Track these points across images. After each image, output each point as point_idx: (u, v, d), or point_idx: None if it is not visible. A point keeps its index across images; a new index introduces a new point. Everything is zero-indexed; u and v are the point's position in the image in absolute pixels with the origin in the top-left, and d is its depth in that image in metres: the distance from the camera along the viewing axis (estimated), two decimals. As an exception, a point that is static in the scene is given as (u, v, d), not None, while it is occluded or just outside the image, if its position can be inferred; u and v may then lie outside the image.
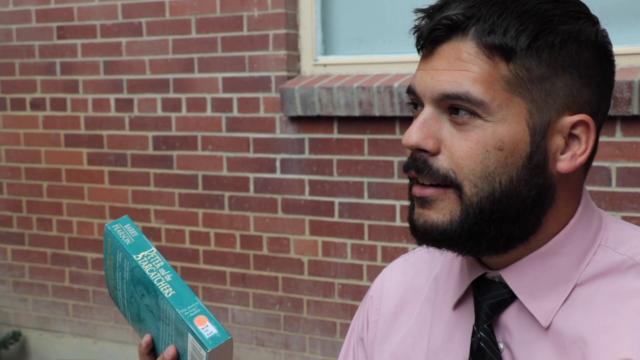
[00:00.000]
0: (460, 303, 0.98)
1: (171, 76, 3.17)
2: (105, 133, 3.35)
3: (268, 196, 3.03)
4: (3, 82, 3.57)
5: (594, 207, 0.94)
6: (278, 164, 2.99)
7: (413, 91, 0.89)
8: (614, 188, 2.43)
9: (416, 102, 0.90)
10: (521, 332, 0.90)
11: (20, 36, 3.50)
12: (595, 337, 0.85)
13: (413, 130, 0.86)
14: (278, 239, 3.04)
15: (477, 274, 0.94)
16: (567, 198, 0.90)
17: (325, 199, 2.92)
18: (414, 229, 0.90)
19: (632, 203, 2.41)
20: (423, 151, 0.87)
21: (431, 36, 0.86)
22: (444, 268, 1.03)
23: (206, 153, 3.13)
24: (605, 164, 2.44)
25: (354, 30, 2.98)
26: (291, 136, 2.95)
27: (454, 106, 0.85)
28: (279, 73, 2.94)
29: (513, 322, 0.91)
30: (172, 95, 3.18)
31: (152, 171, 3.26)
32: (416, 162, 0.87)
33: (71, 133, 3.43)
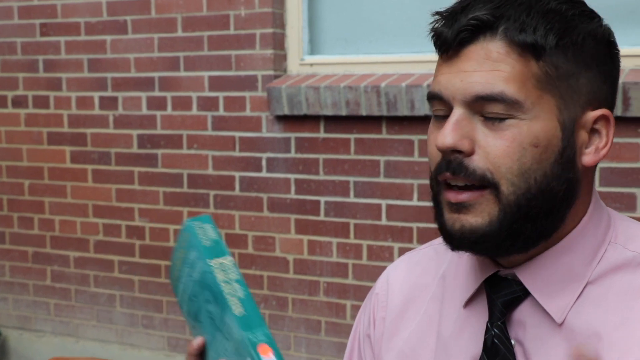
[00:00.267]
0: (470, 301, 0.98)
1: (156, 74, 3.16)
2: (89, 131, 3.33)
3: (254, 195, 3.03)
4: (-16, 79, 3.55)
5: (602, 205, 0.96)
6: (264, 163, 3.00)
7: (439, 96, 0.88)
8: (598, 188, 2.47)
9: (441, 108, 0.90)
10: (534, 329, 0.91)
11: (2, 33, 3.47)
12: (608, 333, 0.87)
13: (447, 132, 0.85)
14: (263, 238, 3.04)
15: (490, 272, 0.95)
16: (584, 194, 0.92)
17: (311, 198, 2.93)
18: (450, 235, 0.89)
19: (616, 202, 2.46)
20: (457, 153, 0.86)
21: (458, 37, 0.86)
22: (451, 266, 1.04)
23: (191, 152, 3.13)
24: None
25: (341, 30, 3.00)
26: (277, 135, 2.95)
27: (487, 107, 0.85)
28: (266, 72, 2.95)
29: (525, 319, 0.92)
30: (158, 93, 3.17)
31: (137, 170, 3.25)
32: (451, 164, 0.86)
33: (54, 131, 3.41)
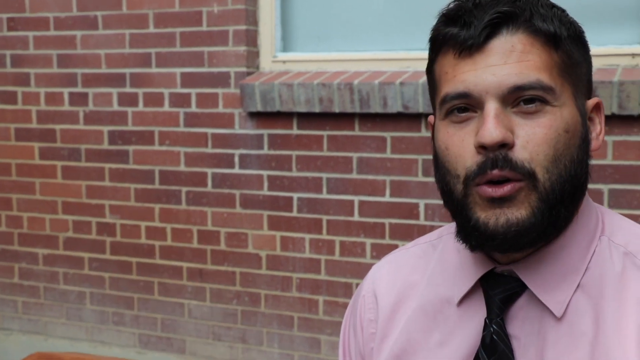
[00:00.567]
0: (465, 298, 0.98)
1: (128, 70, 3.15)
2: (58, 127, 3.30)
3: (226, 191, 3.04)
4: (-51, 74, 3.49)
5: (589, 198, 0.99)
6: (237, 160, 3.00)
7: (466, 95, 0.88)
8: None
9: (465, 106, 0.89)
10: (531, 323, 0.92)
11: (-32, 27, 3.42)
12: (602, 325, 0.89)
13: (491, 127, 0.85)
14: (236, 234, 3.05)
15: (487, 269, 0.95)
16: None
17: (284, 194, 2.95)
18: (492, 232, 0.87)
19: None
20: (502, 147, 0.86)
21: (484, 32, 0.87)
22: (439, 264, 1.04)
23: (163, 148, 3.12)
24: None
25: (313, 27, 3.02)
26: (250, 132, 2.96)
27: (525, 97, 0.86)
28: (239, 69, 2.96)
29: (522, 313, 0.93)
30: (129, 89, 3.15)
31: (108, 166, 3.23)
32: (498, 160, 0.85)
33: (22, 127, 3.37)
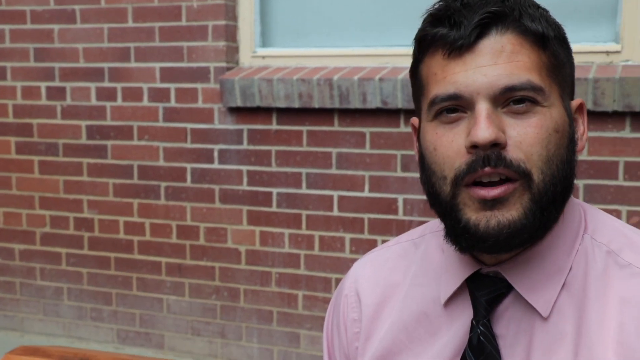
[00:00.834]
0: (450, 299, 0.98)
1: (106, 65, 3.13)
2: (35, 122, 3.28)
3: (206, 186, 3.04)
4: None
5: (571, 195, 1.00)
6: (216, 155, 3.00)
7: (456, 96, 0.88)
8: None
9: (455, 107, 0.89)
10: (517, 323, 0.92)
11: (-57, 20, 3.38)
12: (585, 324, 0.89)
13: (483, 127, 0.84)
14: (215, 229, 3.05)
15: (472, 271, 0.95)
16: None
17: (263, 189, 2.96)
18: (482, 235, 0.87)
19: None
20: (494, 146, 0.85)
21: (474, 33, 0.86)
22: (421, 265, 1.03)
23: (142, 143, 3.11)
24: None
25: (293, 23, 3.03)
26: (230, 127, 2.97)
27: (516, 97, 0.86)
28: (218, 64, 2.96)
29: (508, 314, 0.93)
30: (107, 84, 3.14)
31: (86, 161, 3.22)
32: (490, 159, 0.85)
33: (-2, 121, 3.34)
